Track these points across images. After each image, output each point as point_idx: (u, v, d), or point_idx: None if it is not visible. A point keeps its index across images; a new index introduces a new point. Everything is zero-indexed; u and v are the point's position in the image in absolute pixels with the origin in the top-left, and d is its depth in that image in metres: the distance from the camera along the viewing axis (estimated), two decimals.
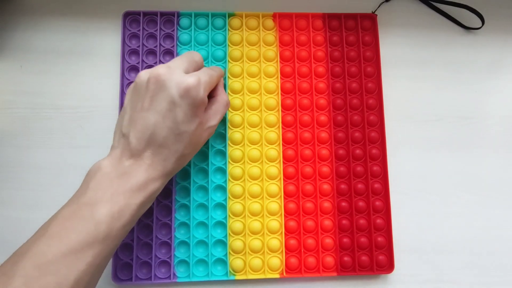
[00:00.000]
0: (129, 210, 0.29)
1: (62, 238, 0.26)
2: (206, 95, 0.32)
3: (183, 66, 0.32)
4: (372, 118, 0.41)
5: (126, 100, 0.32)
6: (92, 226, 0.27)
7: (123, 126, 0.31)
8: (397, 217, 0.39)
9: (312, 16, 0.42)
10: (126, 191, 0.29)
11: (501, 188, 0.42)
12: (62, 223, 0.27)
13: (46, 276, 0.25)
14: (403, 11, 0.44)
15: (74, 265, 0.26)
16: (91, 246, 0.27)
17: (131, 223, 0.29)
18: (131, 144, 0.30)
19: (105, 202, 0.28)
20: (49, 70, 0.41)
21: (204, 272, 0.38)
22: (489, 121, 0.43)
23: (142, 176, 0.30)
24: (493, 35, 0.44)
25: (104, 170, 0.29)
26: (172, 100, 0.30)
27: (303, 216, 0.39)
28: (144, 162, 0.30)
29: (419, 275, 0.39)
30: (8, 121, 0.40)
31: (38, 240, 0.26)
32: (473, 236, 0.40)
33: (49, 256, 0.26)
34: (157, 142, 0.30)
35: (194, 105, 0.31)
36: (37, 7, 0.42)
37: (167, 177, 0.32)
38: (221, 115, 0.35)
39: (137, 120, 0.30)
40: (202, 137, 0.33)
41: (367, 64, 0.42)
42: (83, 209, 0.28)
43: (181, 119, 0.30)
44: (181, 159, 0.32)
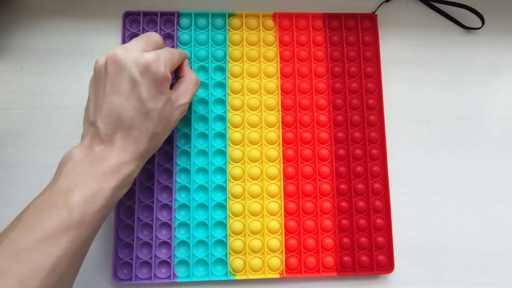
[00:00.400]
0: (103, 194, 0.28)
1: (35, 226, 0.26)
2: (168, 70, 0.31)
3: (141, 46, 0.31)
4: (372, 118, 0.41)
5: (89, 89, 0.32)
6: (65, 212, 0.27)
7: (90, 115, 0.31)
8: (397, 217, 0.39)
9: (312, 16, 0.42)
10: (99, 175, 0.28)
11: (501, 188, 0.42)
12: (34, 212, 0.27)
13: (20, 264, 0.25)
14: (403, 11, 0.44)
15: (49, 252, 0.26)
16: (65, 232, 0.26)
17: (107, 207, 0.29)
18: (99, 130, 0.30)
19: (78, 188, 0.28)
20: (50, 70, 0.41)
21: (204, 272, 0.38)
22: (489, 121, 0.43)
23: (114, 159, 0.29)
24: (493, 35, 0.44)
25: (75, 158, 0.29)
26: (133, 79, 0.30)
27: (303, 216, 0.39)
28: (115, 146, 0.30)
29: (419, 275, 0.39)
30: (9, 121, 0.40)
31: (11, 230, 0.26)
32: (473, 236, 0.40)
33: (23, 245, 0.25)
34: (125, 123, 0.30)
35: (157, 81, 0.30)
36: (37, 8, 0.42)
37: (142, 158, 0.31)
38: (192, 94, 0.34)
39: (102, 105, 0.30)
40: (173, 115, 0.33)
41: (367, 64, 0.42)
42: (55, 196, 0.27)
43: (145, 97, 0.30)
44: (153, 138, 0.31)
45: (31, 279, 0.25)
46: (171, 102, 0.32)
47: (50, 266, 0.25)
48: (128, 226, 0.38)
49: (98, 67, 0.31)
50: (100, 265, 0.38)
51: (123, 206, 0.38)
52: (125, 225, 0.38)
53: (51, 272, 0.26)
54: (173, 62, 0.33)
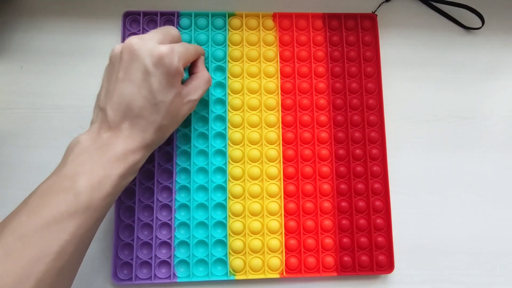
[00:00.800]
0: (109, 181, 0.28)
1: (42, 209, 0.26)
2: (182, 65, 0.32)
3: (157, 38, 0.31)
4: (372, 118, 0.41)
5: (103, 76, 0.32)
6: (72, 197, 0.27)
7: (100, 100, 0.31)
8: (397, 217, 0.40)
9: (312, 16, 0.42)
10: (105, 162, 0.29)
11: (501, 188, 0.42)
12: (41, 196, 0.27)
13: (27, 246, 0.25)
14: (403, 11, 0.44)
15: (56, 235, 0.26)
16: (72, 216, 0.27)
17: (113, 194, 0.29)
18: (108, 116, 0.30)
19: (85, 174, 0.28)
20: (50, 70, 0.41)
21: (204, 272, 0.38)
22: (489, 121, 0.43)
23: (121, 147, 0.30)
24: (493, 35, 0.44)
25: (83, 144, 0.29)
26: (146, 69, 0.30)
27: (303, 216, 0.39)
28: (122, 133, 0.30)
29: (419, 275, 0.39)
30: (9, 121, 0.40)
31: (18, 213, 0.27)
32: (473, 236, 0.40)
33: (30, 227, 0.26)
34: (134, 112, 0.30)
35: (169, 74, 0.31)
36: (37, 8, 0.42)
37: (148, 149, 0.32)
38: (203, 91, 0.35)
39: (113, 92, 0.30)
40: (181, 110, 0.33)
41: (367, 64, 0.42)
42: (63, 181, 0.28)
43: (156, 88, 0.30)
44: (160, 130, 0.32)
45: (39, 261, 0.25)
46: (181, 96, 0.32)
47: (58, 250, 0.26)
48: (128, 226, 0.38)
49: (113, 55, 0.32)
50: (100, 265, 0.38)
51: (123, 206, 0.38)
52: (125, 225, 0.38)
53: (59, 255, 0.26)
54: (187, 57, 0.33)
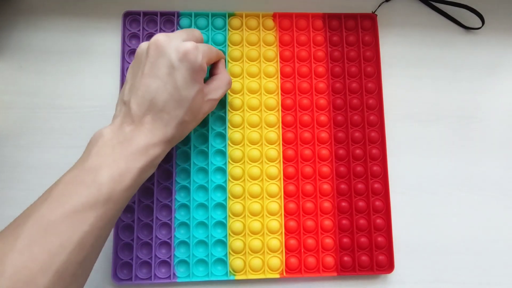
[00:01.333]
0: (130, 174, 0.29)
1: (64, 200, 0.27)
2: (205, 62, 0.33)
3: (183, 37, 0.33)
4: (372, 118, 0.41)
5: (128, 72, 0.33)
6: (94, 189, 0.27)
7: (125, 95, 0.32)
8: (397, 217, 0.40)
9: (312, 16, 0.42)
10: (127, 155, 0.29)
11: (501, 188, 0.42)
12: (64, 187, 0.28)
13: (49, 237, 0.25)
14: (403, 11, 0.44)
15: (77, 226, 0.26)
16: (93, 208, 0.27)
17: (133, 187, 0.30)
18: (131, 110, 0.31)
19: (107, 167, 0.28)
20: (49, 70, 0.41)
21: (204, 272, 0.38)
22: (489, 121, 0.43)
23: (142, 140, 0.30)
24: (493, 35, 0.44)
25: (106, 137, 0.30)
26: (171, 64, 0.31)
27: (303, 216, 0.39)
28: (144, 127, 0.31)
29: (419, 275, 0.39)
30: (8, 121, 0.40)
31: (41, 204, 0.27)
32: (473, 236, 0.40)
33: (52, 218, 0.26)
34: (158, 107, 0.31)
35: (193, 69, 0.31)
36: (36, 7, 0.42)
37: (168, 144, 0.32)
38: (223, 92, 0.36)
39: (138, 87, 0.31)
40: (202, 107, 0.34)
41: (367, 64, 0.42)
42: (85, 173, 0.28)
43: (181, 84, 0.31)
44: (181, 125, 0.32)
45: (60, 252, 0.25)
46: (203, 94, 0.33)
47: (78, 241, 0.26)
48: (128, 226, 0.38)
49: (140, 51, 0.33)
50: (100, 265, 0.38)
51: None
52: (125, 225, 0.38)
53: (79, 246, 0.26)
54: (210, 56, 0.34)
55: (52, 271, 0.25)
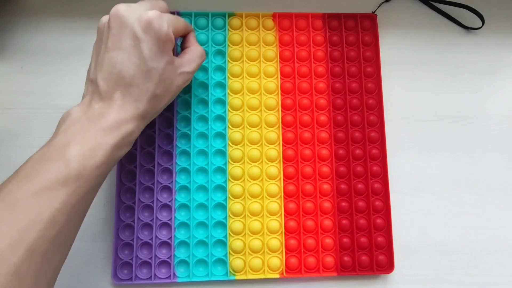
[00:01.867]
0: (101, 150, 0.28)
1: (32, 178, 0.26)
2: (171, 31, 0.31)
3: (145, 6, 0.31)
4: (372, 118, 0.41)
5: (92, 50, 0.32)
6: (63, 165, 0.27)
7: (90, 73, 0.31)
8: (397, 217, 0.39)
9: (312, 16, 0.42)
10: (97, 131, 0.28)
11: (501, 188, 0.42)
12: (32, 165, 0.27)
13: (18, 214, 0.25)
14: (403, 11, 0.44)
15: (47, 203, 0.26)
16: (63, 184, 0.26)
17: (106, 164, 0.29)
18: (99, 86, 0.30)
19: (76, 143, 0.28)
20: (50, 70, 0.41)
21: (204, 272, 0.38)
22: (489, 121, 0.43)
23: (113, 116, 0.29)
24: (493, 35, 0.44)
25: (74, 115, 0.29)
26: (135, 35, 0.29)
27: (303, 216, 0.39)
28: (114, 103, 0.29)
29: (419, 275, 0.39)
30: (9, 121, 0.40)
31: (9, 182, 0.26)
32: (473, 236, 0.40)
33: (20, 195, 0.25)
34: (125, 81, 0.30)
35: (159, 39, 0.30)
36: (37, 8, 0.42)
37: (142, 120, 0.31)
38: (196, 65, 0.34)
39: (103, 62, 0.30)
40: (175, 80, 0.32)
41: (367, 64, 0.42)
42: (53, 150, 0.27)
43: (147, 55, 0.30)
44: (153, 99, 0.31)
45: (29, 229, 0.25)
46: (174, 66, 0.32)
47: (49, 218, 0.25)
48: (128, 226, 0.38)
49: (101, 25, 0.31)
50: (100, 265, 0.38)
51: (124, 206, 0.38)
52: (125, 225, 0.38)
53: (50, 224, 0.26)
54: (177, 26, 0.32)
55: (23, 248, 0.24)
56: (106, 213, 0.39)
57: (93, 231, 0.38)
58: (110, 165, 0.29)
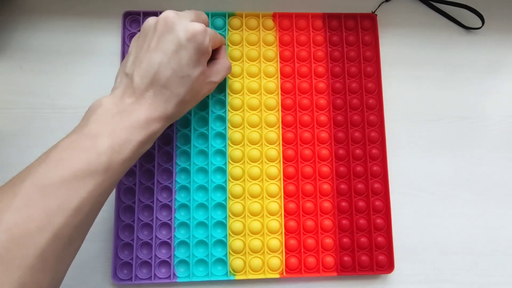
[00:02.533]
0: (129, 145, 0.29)
1: (64, 164, 0.27)
2: (211, 45, 0.33)
3: (191, 17, 0.33)
4: (372, 118, 0.41)
5: (131, 46, 0.33)
6: (94, 156, 0.27)
7: (127, 67, 0.32)
8: (397, 217, 0.40)
9: (312, 16, 0.42)
10: (127, 127, 0.29)
11: (501, 188, 0.42)
12: (63, 151, 0.27)
13: (48, 198, 0.25)
14: (403, 11, 0.44)
15: (76, 191, 0.26)
16: (92, 175, 0.27)
17: (131, 160, 0.30)
18: (134, 82, 0.31)
19: (106, 135, 0.28)
20: (49, 70, 0.41)
21: (204, 272, 0.38)
22: (489, 121, 0.43)
23: (143, 114, 0.30)
24: (493, 35, 0.44)
25: (105, 106, 0.30)
26: (179, 42, 0.31)
27: (303, 216, 0.39)
28: (146, 101, 0.31)
29: (419, 275, 0.39)
30: (8, 121, 0.40)
31: (39, 165, 0.26)
32: (473, 236, 0.40)
33: (51, 180, 0.26)
34: (160, 82, 0.31)
35: (200, 51, 0.32)
36: (37, 7, 0.42)
37: (168, 120, 0.32)
38: (222, 76, 0.36)
39: (142, 60, 0.31)
40: (202, 89, 0.34)
41: (367, 64, 0.42)
42: (84, 139, 0.28)
43: (185, 62, 0.31)
44: (181, 104, 0.32)
45: (57, 214, 0.25)
46: (205, 75, 0.34)
47: (76, 205, 0.26)
48: (128, 226, 0.38)
49: (147, 25, 0.33)
50: (100, 265, 0.38)
51: (123, 206, 0.38)
52: (125, 225, 0.38)
53: (76, 211, 0.26)
54: (216, 40, 0.35)
55: (50, 232, 0.25)
56: (106, 213, 0.38)
57: (93, 231, 0.38)
58: (134, 161, 0.30)
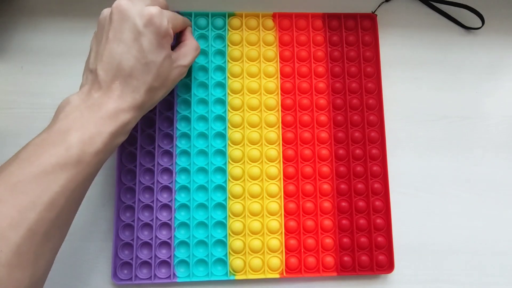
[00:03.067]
0: (100, 137, 0.29)
1: (33, 161, 0.27)
2: (170, 27, 0.32)
3: (146, 2, 0.32)
4: (372, 118, 0.41)
5: (92, 42, 0.33)
6: (63, 150, 0.27)
7: (90, 63, 0.32)
8: (397, 217, 0.39)
9: (312, 16, 0.42)
10: (97, 119, 0.29)
11: (501, 188, 0.42)
12: (33, 149, 0.28)
13: (18, 195, 0.25)
14: (403, 11, 0.44)
15: (48, 186, 0.26)
16: (63, 169, 0.27)
17: (104, 152, 0.29)
18: (99, 76, 0.30)
19: (76, 129, 0.28)
20: (50, 70, 0.41)
21: (204, 272, 0.38)
22: (489, 121, 0.43)
23: (112, 105, 0.30)
24: (493, 35, 0.44)
25: (73, 103, 0.30)
26: (136, 29, 0.30)
27: (303, 216, 0.39)
28: (113, 93, 0.30)
29: (419, 275, 0.39)
30: (9, 121, 0.40)
31: (9, 164, 0.27)
32: (473, 236, 0.40)
33: (21, 177, 0.26)
34: (125, 72, 0.30)
35: (159, 34, 0.31)
36: (37, 8, 0.42)
37: (139, 110, 0.32)
38: (191, 58, 0.35)
39: (103, 53, 0.31)
40: (171, 73, 0.33)
41: (367, 64, 0.42)
42: (54, 136, 0.28)
43: (147, 48, 0.31)
44: (150, 91, 0.32)
45: (30, 210, 0.25)
46: (171, 60, 0.33)
47: (49, 200, 0.26)
48: (128, 226, 0.38)
49: (102, 18, 0.32)
50: (100, 265, 0.38)
51: (123, 206, 0.38)
52: (125, 225, 0.38)
53: (50, 206, 0.26)
54: (176, 22, 0.34)
55: (24, 228, 0.25)
56: (106, 213, 0.39)
57: (93, 231, 0.38)
58: (108, 153, 0.30)
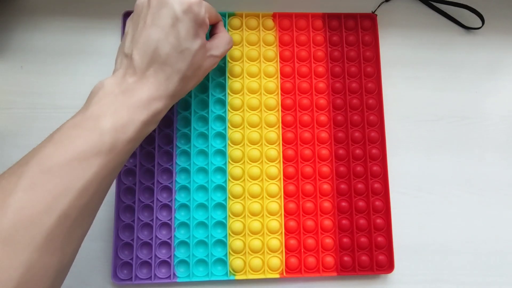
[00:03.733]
0: (133, 125, 0.29)
1: (67, 145, 0.26)
2: (207, 17, 0.32)
3: None
4: (372, 118, 0.41)
5: (127, 26, 0.33)
6: (97, 137, 0.27)
7: (126, 47, 0.31)
8: (397, 217, 0.39)
9: (312, 16, 0.42)
10: (130, 106, 0.29)
11: (501, 188, 0.42)
12: (67, 132, 0.27)
13: (53, 179, 0.25)
14: (403, 11, 0.44)
15: (81, 172, 0.26)
16: (96, 156, 0.27)
17: (135, 140, 0.29)
18: (134, 61, 0.30)
19: (109, 116, 0.28)
20: (50, 70, 0.41)
21: (204, 272, 0.38)
22: (489, 121, 0.43)
23: (145, 93, 0.30)
24: (493, 35, 0.44)
25: (107, 88, 0.29)
26: (175, 15, 0.30)
27: (303, 216, 0.39)
28: (148, 80, 0.30)
29: (419, 275, 0.39)
30: (9, 121, 0.40)
31: (44, 147, 0.27)
32: (473, 236, 0.40)
33: (56, 160, 0.26)
34: (160, 58, 0.30)
35: (197, 22, 0.31)
36: (37, 8, 0.42)
37: (171, 99, 0.32)
38: (224, 50, 0.35)
39: (140, 38, 0.31)
40: (204, 63, 0.33)
41: (367, 64, 0.42)
42: (87, 121, 0.28)
43: (183, 36, 0.31)
44: (183, 80, 0.32)
45: (63, 195, 0.25)
46: (205, 49, 0.33)
47: (81, 187, 0.26)
48: (128, 226, 0.38)
49: (140, 3, 0.32)
50: (100, 265, 0.38)
51: (123, 206, 0.38)
52: (125, 225, 0.38)
53: (82, 193, 0.26)
54: (212, 13, 0.34)
55: (56, 213, 0.25)
56: (106, 213, 0.39)
57: (93, 231, 0.38)
58: (138, 141, 0.30)
